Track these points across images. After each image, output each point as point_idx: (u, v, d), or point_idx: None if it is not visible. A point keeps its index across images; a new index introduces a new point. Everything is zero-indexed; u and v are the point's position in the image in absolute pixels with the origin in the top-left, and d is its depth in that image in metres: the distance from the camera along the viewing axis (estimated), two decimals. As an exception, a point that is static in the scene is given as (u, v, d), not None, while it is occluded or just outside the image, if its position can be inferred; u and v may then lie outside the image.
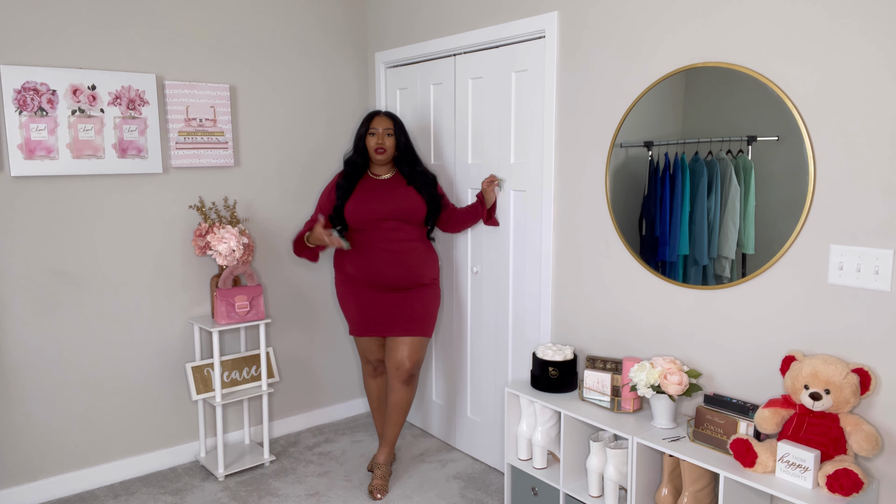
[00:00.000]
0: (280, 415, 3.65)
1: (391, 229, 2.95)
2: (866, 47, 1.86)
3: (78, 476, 3.05)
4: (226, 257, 3.06)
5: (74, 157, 2.87)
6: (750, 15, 2.09)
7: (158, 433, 3.26)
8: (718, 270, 2.25)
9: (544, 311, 2.88)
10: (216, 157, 3.24)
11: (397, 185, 3.01)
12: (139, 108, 3.00)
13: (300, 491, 3.05)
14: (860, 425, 1.85)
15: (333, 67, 3.65)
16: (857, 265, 1.92)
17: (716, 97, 2.19)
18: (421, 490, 3.06)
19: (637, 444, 2.20)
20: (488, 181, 2.99)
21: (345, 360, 3.89)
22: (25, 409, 2.90)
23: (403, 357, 2.99)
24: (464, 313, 3.36)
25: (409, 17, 3.44)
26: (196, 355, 3.25)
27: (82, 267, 2.98)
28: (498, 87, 3.01)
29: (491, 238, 3.16)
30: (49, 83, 2.78)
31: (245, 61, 3.34)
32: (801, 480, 1.84)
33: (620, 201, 2.53)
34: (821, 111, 1.96)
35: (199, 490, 3.07)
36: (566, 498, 2.47)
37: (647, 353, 2.51)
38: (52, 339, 2.93)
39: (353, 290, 3.04)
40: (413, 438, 3.63)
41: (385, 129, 2.97)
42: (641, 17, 2.40)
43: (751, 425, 2.03)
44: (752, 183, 2.11)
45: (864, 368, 1.87)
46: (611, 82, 2.52)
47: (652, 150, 2.38)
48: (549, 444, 2.60)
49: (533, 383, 2.64)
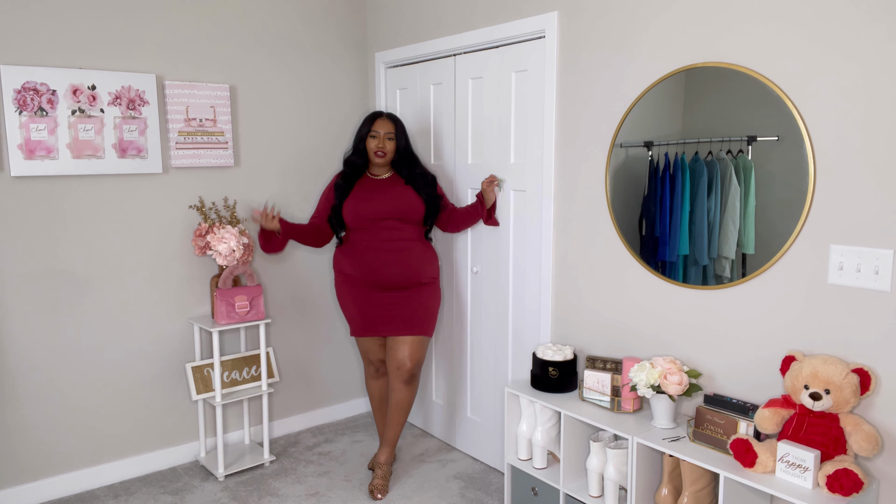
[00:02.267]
0: (280, 415, 3.65)
1: (389, 229, 2.95)
2: (866, 47, 1.86)
3: (78, 476, 3.05)
4: (226, 257, 3.06)
5: (74, 157, 2.87)
6: (750, 15, 2.09)
7: (158, 433, 3.26)
8: (718, 270, 2.24)
9: (544, 311, 2.88)
10: (216, 157, 3.24)
11: (395, 185, 3.01)
12: (139, 108, 3.00)
13: (300, 491, 3.06)
14: (860, 425, 1.85)
15: (333, 67, 3.65)
16: (857, 265, 1.91)
17: (716, 97, 2.19)
18: (421, 490, 3.06)
19: (637, 444, 2.20)
20: (488, 181, 2.99)
21: (345, 360, 3.89)
22: (25, 409, 2.90)
23: (404, 357, 2.99)
24: (464, 313, 3.36)
25: (409, 17, 3.44)
26: (196, 355, 3.25)
27: (82, 267, 2.98)
28: (498, 87, 3.01)
29: (491, 238, 3.16)
30: (49, 83, 2.78)
31: (245, 61, 3.34)
32: (801, 480, 1.84)
33: (620, 201, 2.53)
34: (821, 111, 1.96)
35: (199, 490, 3.07)
36: (566, 498, 2.47)
37: (647, 353, 2.51)
38: (51, 338, 2.93)
39: (353, 291, 3.04)
40: (413, 438, 3.63)
41: (386, 133, 2.97)
42: (641, 17, 2.40)
43: (751, 425, 2.03)
44: (752, 183, 2.11)
45: (864, 368, 1.87)
46: (611, 82, 2.52)
47: (652, 150, 2.38)
48: (549, 444, 2.60)
49: (533, 383, 2.64)
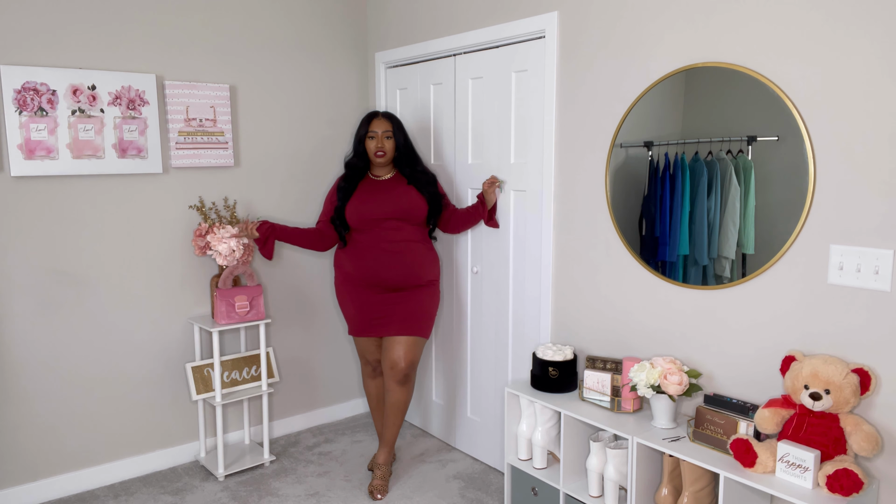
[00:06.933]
0: (280, 415, 3.65)
1: (392, 229, 2.95)
2: (866, 47, 1.86)
3: (78, 476, 3.05)
4: (226, 257, 3.06)
5: (74, 157, 2.87)
6: (750, 15, 2.09)
7: (158, 433, 3.26)
8: (718, 270, 2.24)
9: (544, 311, 2.88)
10: (216, 157, 3.24)
11: (398, 185, 3.01)
12: (139, 108, 3.00)
13: (300, 491, 3.05)
14: (860, 425, 1.85)
15: (333, 67, 3.65)
16: (857, 265, 1.91)
17: (716, 97, 2.19)
18: (421, 490, 3.06)
19: (637, 444, 2.20)
20: (489, 182, 2.98)
21: (345, 360, 3.89)
22: (25, 408, 2.90)
23: (398, 357, 2.98)
24: (464, 313, 3.36)
25: (409, 17, 3.44)
26: (196, 355, 3.25)
27: (82, 267, 2.98)
28: (498, 88, 3.01)
29: (491, 238, 3.16)
30: (49, 83, 2.78)
31: (245, 61, 3.34)
32: (801, 480, 1.85)
33: (620, 201, 2.53)
34: (821, 111, 1.96)
35: (199, 490, 3.07)
36: (566, 498, 2.47)
37: (647, 353, 2.51)
38: (51, 338, 2.93)
39: (352, 290, 3.04)
40: (413, 438, 3.63)
41: (384, 132, 2.96)
42: (641, 17, 2.40)
43: (751, 425, 2.03)
44: (752, 183, 2.11)
45: (864, 368, 1.87)
46: (611, 82, 2.52)
47: (652, 150, 2.38)
48: (549, 444, 2.60)
49: (533, 383, 2.64)
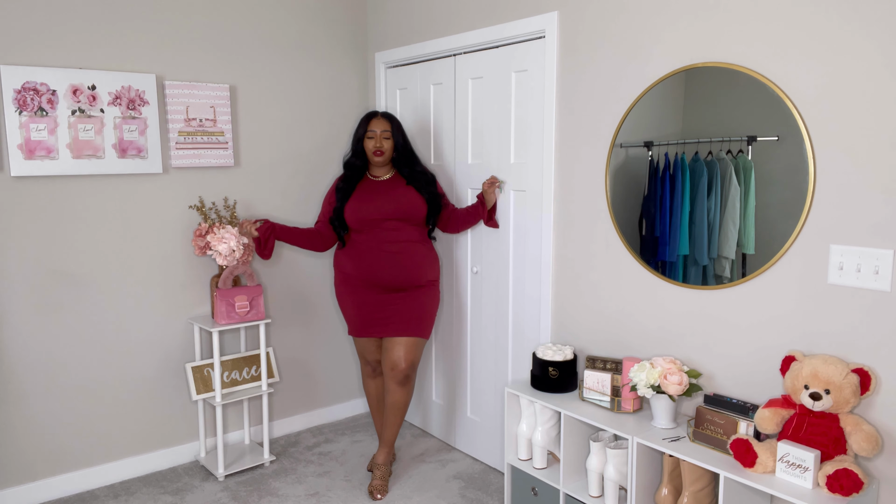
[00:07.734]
0: (280, 415, 3.65)
1: (391, 230, 2.95)
2: (866, 47, 1.86)
3: (78, 476, 3.05)
4: (226, 257, 3.06)
5: (74, 157, 2.87)
6: (750, 15, 2.09)
7: (158, 433, 3.26)
8: (718, 270, 2.24)
9: (544, 311, 2.88)
10: (216, 157, 3.24)
11: (397, 186, 3.01)
12: (139, 108, 3.00)
13: (300, 491, 3.05)
14: (860, 425, 1.85)
15: (333, 67, 3.65)
16: (857, 265, 1.91)
17: (716, 97, 2.19)
18: (421, 490, 3.06)
19: (637, 444, 2.20)
20: (489, 182, 2.98)
21: (345, 360, 3.89)
22: (25, 408, 2.90)
23: (398, 357, 2.98)
24: (464, 313, 3.36)
25: (409, 17, 3.44)
26: (196, 355, 3.25)
27: (82, 267, 2.98)
28: (498, 87, 3.01)
29: (491, 238, 3.16)
30: (49, 83, 2.78)
31: (245, 61, 3.34)
32: (801, 480, 1.85)
33: (620, 201, 2.53)
34: (821, 111, 1.96)
35: (199, 490, 3.07)
36: (566, 498, 2.47)
37: (647, 353, 2.51)
38: (51, 338, 2.93)
39: (352, 291, 3.04)
40: (413, 438, 3.63)
41: (382, 132, 2.96)
42: (641, 18, 2.40)
43: (751, 425, 2.03)
44: (752, 183, 2.11)
45: (864, 368, 1.87)
46: (611, 82, 2.52)
47: (652, 150, 2.38)
48: (549, 444, 2.60)
49: (533, 383, 2.64)
